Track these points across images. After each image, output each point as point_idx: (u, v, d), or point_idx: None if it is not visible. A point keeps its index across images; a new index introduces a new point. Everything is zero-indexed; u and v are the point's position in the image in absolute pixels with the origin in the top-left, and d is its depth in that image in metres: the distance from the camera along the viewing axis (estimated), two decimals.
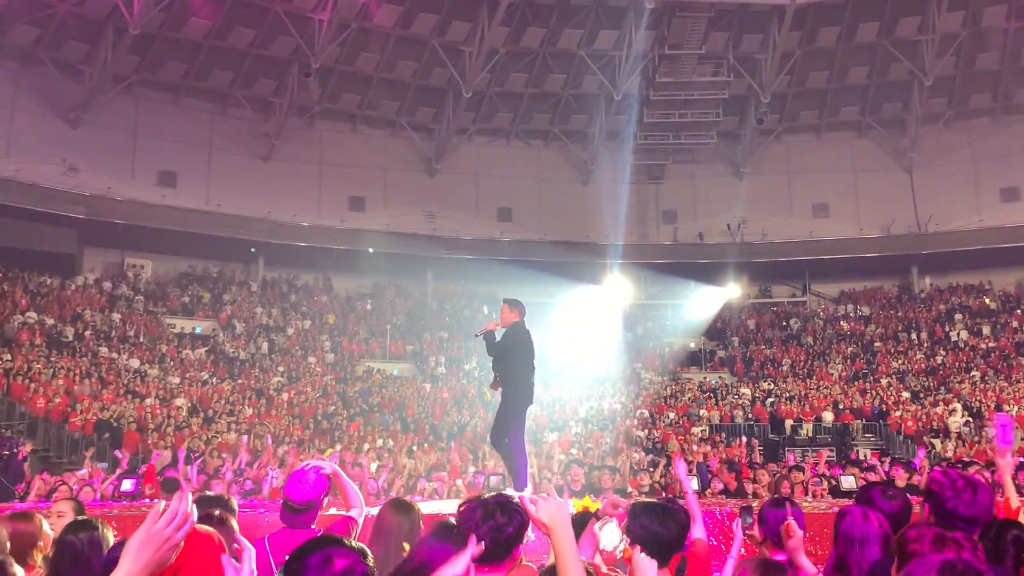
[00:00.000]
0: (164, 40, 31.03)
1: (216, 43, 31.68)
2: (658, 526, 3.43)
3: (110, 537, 3.62)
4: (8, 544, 3.82)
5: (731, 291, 36.77)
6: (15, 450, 10.70)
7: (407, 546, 3.73)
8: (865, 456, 20.92)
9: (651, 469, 12.23)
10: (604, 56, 34.57)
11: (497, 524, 2.87)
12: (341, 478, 4.40)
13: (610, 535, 3.91)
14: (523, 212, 37.51)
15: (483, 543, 2.74)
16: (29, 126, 30.16)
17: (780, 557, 3.93)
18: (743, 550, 4.43)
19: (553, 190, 37.88)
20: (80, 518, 4.05)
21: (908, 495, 4.23)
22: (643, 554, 3.09)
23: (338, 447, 14.49)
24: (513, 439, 7.88)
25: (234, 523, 3.91)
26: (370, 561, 2.34)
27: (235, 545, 2.58)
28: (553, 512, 2.65)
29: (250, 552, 2.38)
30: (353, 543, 2.40)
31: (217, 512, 3.88)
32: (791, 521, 3.84)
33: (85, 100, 30.94)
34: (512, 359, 8.07)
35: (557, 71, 35.42)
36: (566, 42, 34.27)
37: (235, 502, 4.59)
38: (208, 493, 5.47)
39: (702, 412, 28.16)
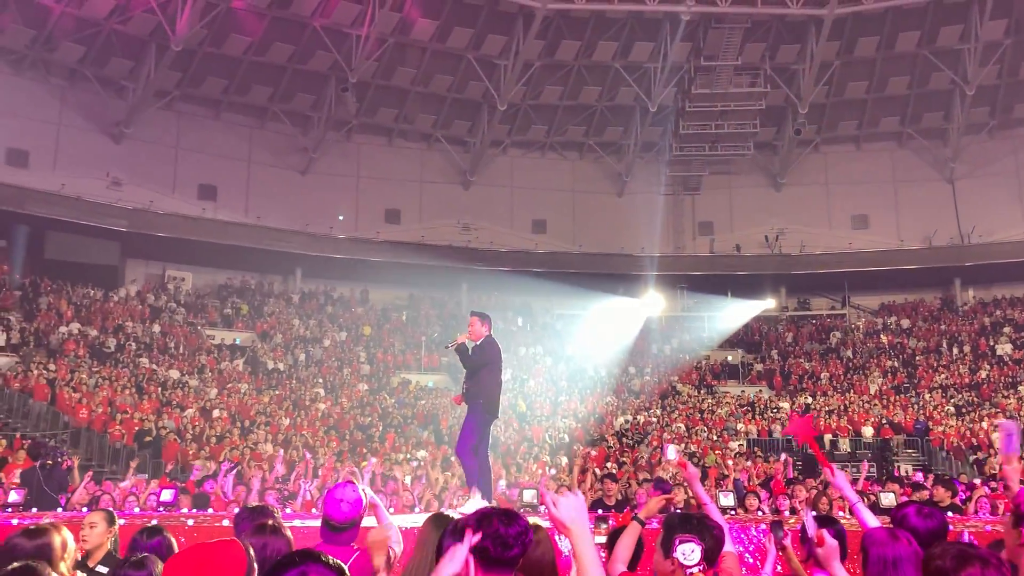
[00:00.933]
0: (205, 56, 31.63)
1: (255, 59, 32.21)
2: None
3: (173, 544, 3.80)
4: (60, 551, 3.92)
5: (768, 303, 36.39)
6: (59, 460, 10.89)
7: None
8: (907, 472, 20.52)
9: (686, 483, 12.11)
10: (639, 68, 34.53)
11: (498, 530, 2.87)
12: (379, 510, 4.46)
13: (690, 554, 3.87)
14: (558, 224, 37.53)
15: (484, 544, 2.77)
16: (74, 141, 30.92)
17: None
18: (779, 567, 4.38)
19: (588, 202, 37.86)
20: (149, 524, 4.32)
21: (947, 515, 4.15)
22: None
23: (373, 459, 14.56)
24: (481, 451, 7.92)
25: (288, 532, 3.94)
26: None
27: None
28: (572, 510, 2.64)
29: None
30: (330, 560, 2.37)
31: (270, 522, 3.92)
32: (823, 531, 3.78)
33: (128, 115, 31.64)
34: (484, 372, 8.05)
35: (592, 83, 35.45)
36: (601, 54, 34.29)
37: (277, 512, 4.66)
38: (251, 504, 5.53)
39: (739, 426, 27.82)
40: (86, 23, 29.44)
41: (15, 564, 3.30)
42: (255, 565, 2.45)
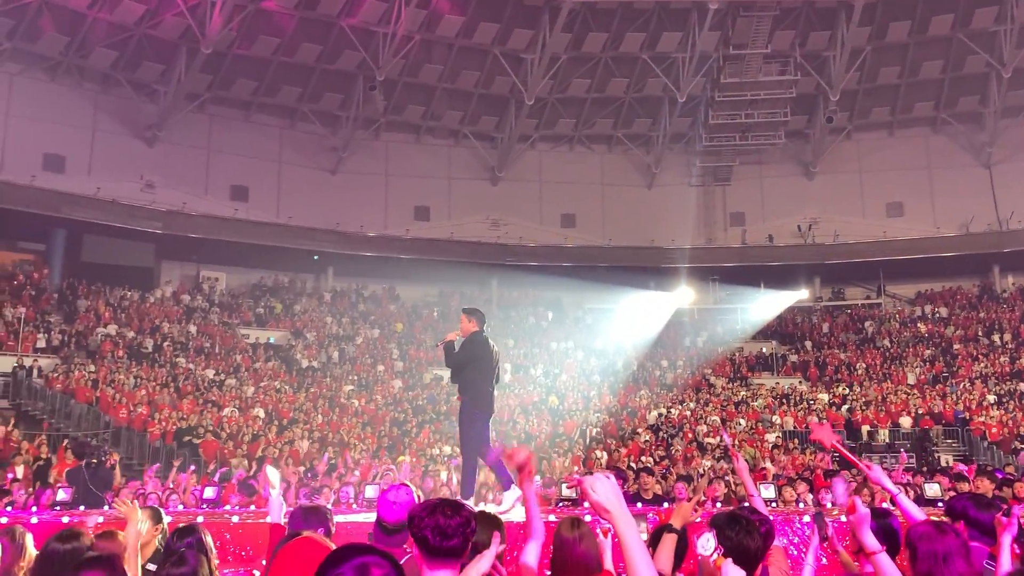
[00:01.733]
0: (235, 58, 31.93)
1: (284, 59, 32.45)
2: (744, 537, 3.40)
3: (210, 541, 3.85)
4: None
5: (802, 294, 36.00)
6: (103, 458, 11.07)
7: None
8: (947, 463, 20.22)
9: (725, 477, 12.03)
10: (667, 58, 34.28)
11: (439, 521, 2.89)
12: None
13: (706, 544, 3.92)
14: (587, 218, 37.41)
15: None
16: (109, 145, 31.41)
17: (869, 570, 3.81)
18: (823, 558, 4.32)
19: (617, 195, 37.69)
20: (183, 524, 4.39)
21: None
22: (732, 564, 3.09)
23: (408, 455, 14.61)
24: (476, 449, 7.83)
25: (330, 542, 3.99)
26: (402, 572, 2.36)
27: None
28: (609, 492, 2.62)
29: None
30: (385, 552, 2.37)
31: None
32: (855, 498, 3.78)
33: (160, 119, 32.05)
34: (470, 369, 8.06)
35: (620, 75, 35.26)
36: (628, 45, 34.09)
37: (330, 514, 4.68)
38: (306, 505, 5.54)
39: (775, 418, 27.56)
40: (118, 28, 29.85)
41: (90, 554, 3.41)
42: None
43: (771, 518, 4.27)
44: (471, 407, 7.92)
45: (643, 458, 20.35)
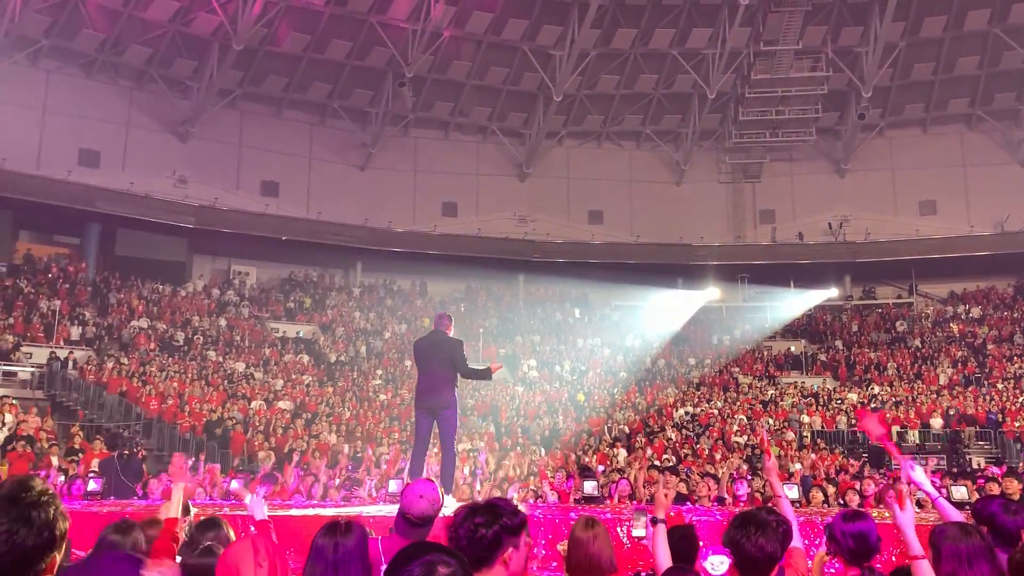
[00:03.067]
0: (266, 54, 32.25)
1: (314, 56, 32.72)
2: (759, 537, 3.37)
3: (231, 536, 3.90)
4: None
5: (832, 292, 35.63)
6: (135, 450, 11.28)
7: None
8: (979, 465, 19.95)
9: (750, 477, 11.97)
10: (697, 54, 34.06)
11: (475, 523, 2.86)
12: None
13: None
14: (614, 214, 37.31)
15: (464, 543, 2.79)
16: (142, 141, 31.88)
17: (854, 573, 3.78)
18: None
19: (645, 191, 37.55)
20: (205, 517, 4.48)
21: None
22: (740, 568, 3.07)
23: (435, 450, 14.65)
24: (453, 447, 8.54)
25: (367, 529, 4.05)
26: (468, 570, 2.38)
27: None
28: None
29: None
30: (452, 551, 2.42)
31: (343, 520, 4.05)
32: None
33: (193, 115, 32.46)
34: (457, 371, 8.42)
35: (649, 71, 35.09)
36: (658, 42, 33.92)
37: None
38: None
39: (803, 418, 27.32)
40: (152, 25, 30.29)
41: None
42: None
43: (791, 520, 4.25)
44: (456, 408, 8.43)
45: (665, 456, 20.29)
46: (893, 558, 5.48)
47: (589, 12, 31.79)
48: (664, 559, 3.81)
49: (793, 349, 34.21)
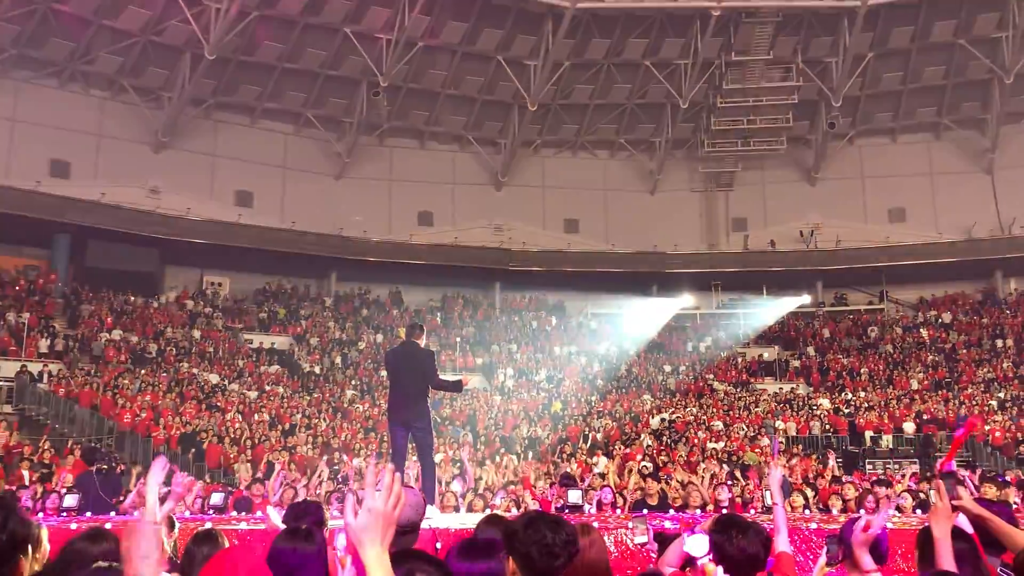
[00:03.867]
0: (239, 64, 32.06)
1: (288, 65, 32.57)
2: (742, 541, 3.38)
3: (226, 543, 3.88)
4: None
5: (804, 299, 36.02)
6: (114, 464, 11.12)
7: None
8: (954, 469, 20.19)
9: (729, 483, 12.04)
10: (669, 65, 34.39)
11: (565, 538, 2.82)
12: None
13: (697, 546, 3.90)
14: (590, 223, 37.48)
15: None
16: (114, 151, 31.52)
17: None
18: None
19: (620, 200, 37.75)
20: (201, 529, 4.31)
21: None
22: (723, 571, 3.08)
23: (413, 457, 14.59)
24: (432, 458, 8.44)
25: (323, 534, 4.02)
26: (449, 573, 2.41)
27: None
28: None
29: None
30: (433, 559, 2.44)
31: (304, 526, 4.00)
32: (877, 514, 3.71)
33: (166, 125, 32.15)
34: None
35: (622, 81, 35.36)
36: (631, 52, 34.20)
37: (327, 511, 4.73)
38: (298, 502, 5.61)
39: (778, 423, 27.56)
40: (123, 35, 30.01)
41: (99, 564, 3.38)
42: None
43: (782, 526, 4.26)
44: (429, 416, 8.45)
45: (644, 463, 20.34)
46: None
47: (562, 23, 31.97)
48: (674, 560, 3.83)
49: (766, 356, 34.53)
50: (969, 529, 3.64)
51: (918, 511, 8.34)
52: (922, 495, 9.14)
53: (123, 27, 29.74)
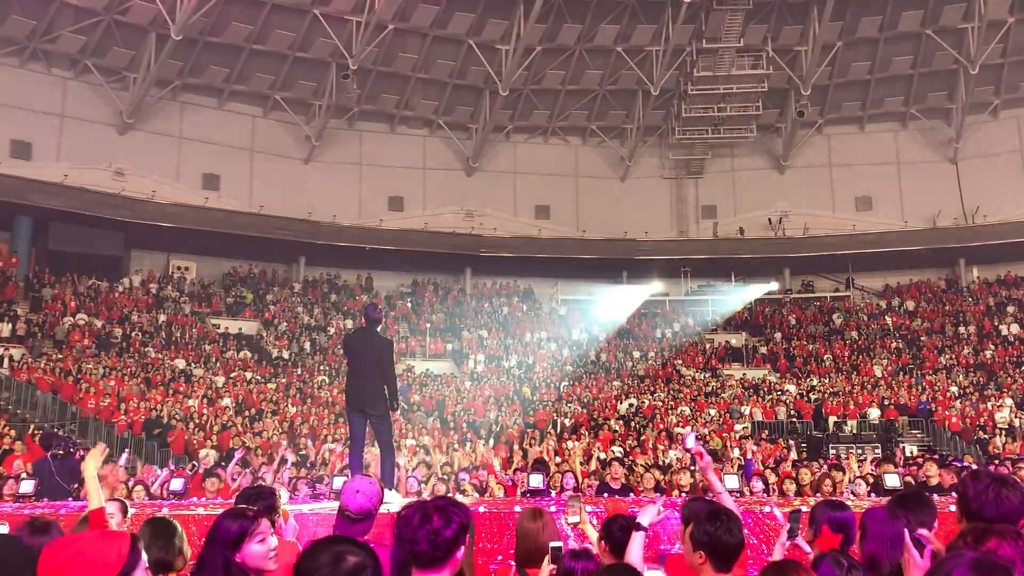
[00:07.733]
0: (206, 44, 31.58)
1: (256, 46, 32.14)
2: (724, 534, 3.41)
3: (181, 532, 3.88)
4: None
5: (772, 286, 36.40)
6: (71, 450, 10.96)
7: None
8: (911, 453, 20.59)
9: (692, 467, 12.15)
10: (641, 51, 34.43)
11: (434, 528, 2.83)
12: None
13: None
14: (561, 209, 37.51)
15: (422, 547, 2.77)
16: (77, 132, 30.93)
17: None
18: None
19: (591, 187, 37.81)
20: (155, 516, 4.48)
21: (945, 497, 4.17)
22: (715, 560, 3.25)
23: (374, 448, 14.58)
24: (392, 445, 8.39)
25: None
26: (377, 560, 2.44)
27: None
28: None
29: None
30: (361, 543, 2.50)
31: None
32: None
33: (131, 106, 31.60)
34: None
35: (594, 67, 35.33)
36: (602, 38, 34.17)
37: (281, 495, 4.71)
38: (254, 487, 5.56)
39: (744, 409, 27.88)
40: (86, 13, 29.40)
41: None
42: (142, 558, 2.44)
43: (738, 513, 4.32)
44: (388, 405, 8.30)
45: (613, 448, 20.50)
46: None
47: (534, 7, 31.84)
48: (638, 562, 3.83)
49: (734, 342, 34.86)
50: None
51: (872, 495, 8.48)
52: (875, 479, 9.29)
53: (86, 5, 29.13)
